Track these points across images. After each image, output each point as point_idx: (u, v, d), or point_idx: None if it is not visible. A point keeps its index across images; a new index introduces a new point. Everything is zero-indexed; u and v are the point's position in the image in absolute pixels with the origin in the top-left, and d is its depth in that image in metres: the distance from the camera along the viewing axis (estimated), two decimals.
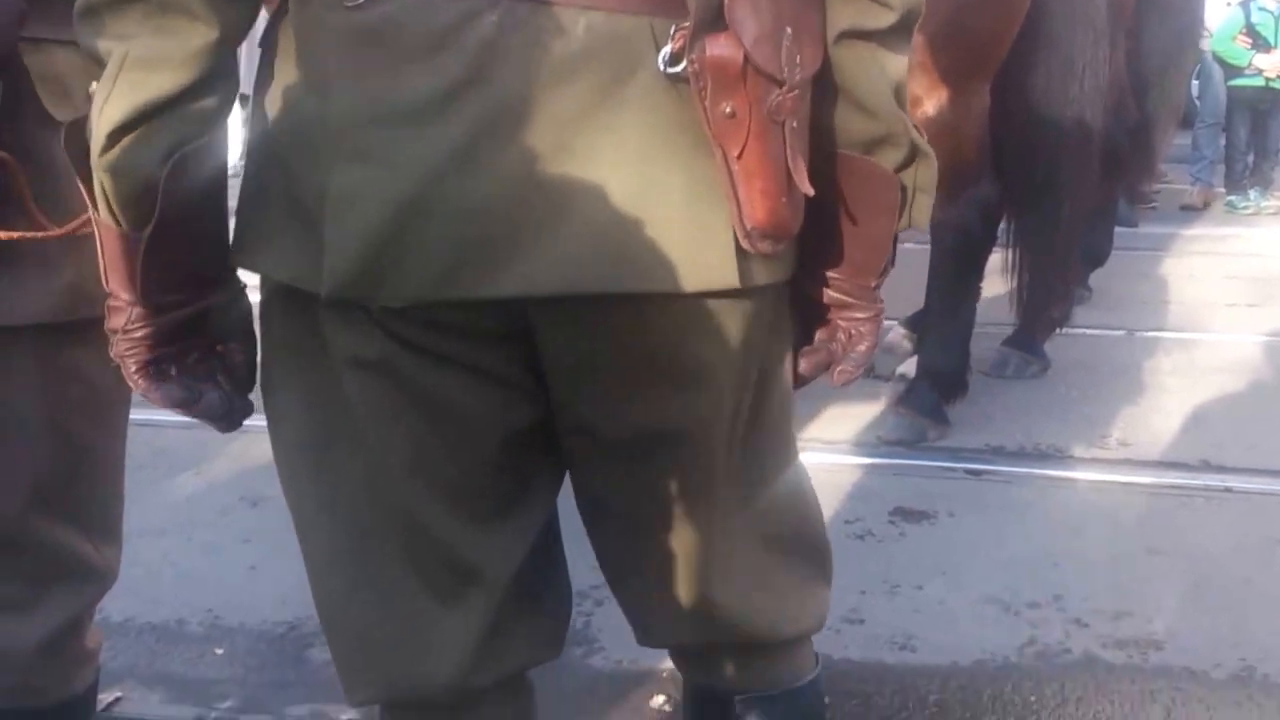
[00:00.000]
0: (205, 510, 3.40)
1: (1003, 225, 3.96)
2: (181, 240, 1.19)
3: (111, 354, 1.25)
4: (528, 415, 1.28)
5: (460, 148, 1.13)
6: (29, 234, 1.38)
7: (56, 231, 1.38)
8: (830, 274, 1.29)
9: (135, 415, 1.64)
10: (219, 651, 2.71)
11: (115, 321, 1.24)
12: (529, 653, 1.41)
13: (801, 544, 1.43)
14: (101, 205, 1.18)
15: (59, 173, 1.26)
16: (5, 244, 1.37)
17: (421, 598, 1.30)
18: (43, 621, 1.53)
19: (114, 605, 2.82)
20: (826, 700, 1.55)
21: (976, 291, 3.95)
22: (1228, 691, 2.47)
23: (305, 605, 2.81)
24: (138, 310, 1.22)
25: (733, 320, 1.23)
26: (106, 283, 1.23)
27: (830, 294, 1.30)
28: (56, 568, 1.53)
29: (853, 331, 1.32)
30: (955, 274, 3.85)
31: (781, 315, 1.31)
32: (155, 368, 1.24)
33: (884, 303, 1.33)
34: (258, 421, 1.35)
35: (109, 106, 1.14)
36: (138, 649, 2.71)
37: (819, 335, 1.35)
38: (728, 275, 1.18)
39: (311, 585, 1.37)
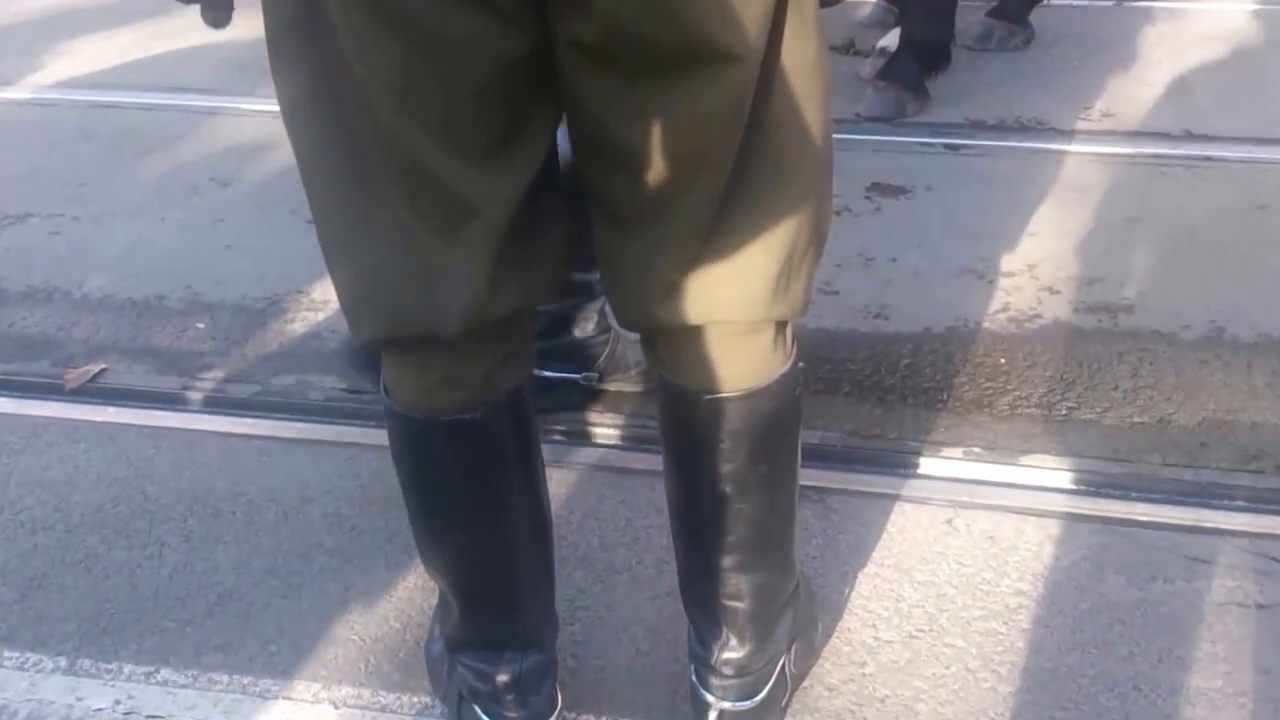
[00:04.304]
0: (176, 191, 3.37)
1: None
2: None
3: None
4: (519, 44, 1.24)
5: None
6: None
7: None
8: None
9: (99, 96, 1.60)
10: (200, 325, 2.73)
11: None
12: (531, 291, 1.42)
13: (804, 217, 1.41)
14: None
15: None
16: None
17: (422, 234, 1.32)
18: None
19: (93, 283, 2.83)
20: (798, 392, 1.55)
21: None
22: (1195, 351, 2.51)
23: (284, 281, 2.87)
24: None
25: None
26: None
27: None
28: None
29: None
30: None
31: None
32: None
33: None
34: (225, 103, 1.32)
35: None
36: (119, 324, 2.73)
37: None
38: None
39: (316, 226, 1.39)
